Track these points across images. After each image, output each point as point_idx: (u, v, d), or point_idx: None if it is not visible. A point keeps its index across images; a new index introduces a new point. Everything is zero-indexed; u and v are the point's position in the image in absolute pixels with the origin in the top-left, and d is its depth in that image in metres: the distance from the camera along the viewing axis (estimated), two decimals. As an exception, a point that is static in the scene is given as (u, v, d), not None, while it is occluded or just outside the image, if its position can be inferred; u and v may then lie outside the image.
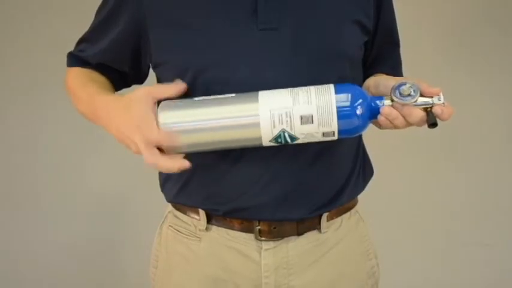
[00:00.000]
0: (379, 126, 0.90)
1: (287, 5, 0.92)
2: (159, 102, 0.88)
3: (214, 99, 0.87)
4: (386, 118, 0.86)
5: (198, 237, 1.01)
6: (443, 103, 0.85)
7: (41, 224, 2.25)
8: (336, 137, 0.86)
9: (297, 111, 0.83)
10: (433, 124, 0.84)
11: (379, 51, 1.06)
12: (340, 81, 0.90)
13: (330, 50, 0.94)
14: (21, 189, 2.25)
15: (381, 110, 0.86)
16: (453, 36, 2.20)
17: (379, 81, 0.91)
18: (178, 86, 0.90)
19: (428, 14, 2.20)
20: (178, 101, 0.88)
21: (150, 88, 0.88)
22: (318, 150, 0.95)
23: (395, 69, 1.08)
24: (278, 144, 0.86)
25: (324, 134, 0.84)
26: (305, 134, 0.84)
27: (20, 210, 2.25)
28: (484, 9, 2.20)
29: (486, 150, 2.24)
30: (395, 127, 0.87)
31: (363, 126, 0.87)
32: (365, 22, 0.98)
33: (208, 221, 1.00)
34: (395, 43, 1.09)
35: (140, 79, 1.08)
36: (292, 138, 0.85)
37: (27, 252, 2.26)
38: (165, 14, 0.94)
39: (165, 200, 1.08)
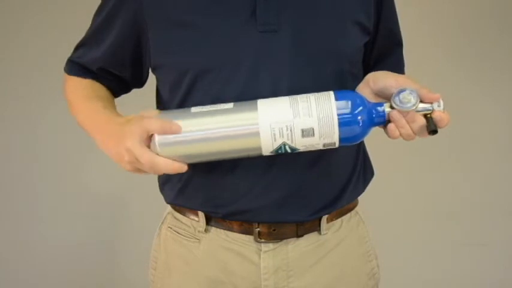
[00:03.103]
0: (387, 134, 0.89)
1: (286, 6, 0.91)
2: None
3: (212, 109, 0.86)
4: (395, 124, 0.85)
5: (197, 239, 1.01)
6: (443, 109, 0.85)
7: (40, 225, 2.25)
8: (337, 146, 0.85)
9: (298, 124, 0.83)
10: (433, 131, 0.84)
11: (381, 52, 1.05)
12: (339, 83, 0.89)
13: (330, 51, 0.93)
14: (20, 190, 2.24)
15: (390, 114, 0.85)
16: (455, 37, 2.20)
17: (378, 77, 0.90)
18: (174, 127, 0.86)
19: (429, 14, 2.19)
20: (176, 112, 0.88)
21: (144, 123, 0.86)
22: (318, 153, 0.95)
23: (397, 69, 1.06)
24: (278, 154, 0.86)
25: (324, 145, 0.84)
26: (306, 145, 0.84)
27: (20, 211, 2.25)
28: (485, 9, 2.19)
29: (486, 151, 2.24)
30: (402, 137, 0.87)
31: (364, 134, 0.87)
32: (365, 22, 0.98)
33: (208, 222, 1.00)
34: (397, 43, 1.09)
35: (140, 83, 1.07)
36: (293, 149, 0.85)
37: (26, 253, 2.25)
38: (164, 15, 0.93)
39: (164, 201, 1.07)
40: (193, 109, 0.87)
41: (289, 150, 0.85)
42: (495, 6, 2.20)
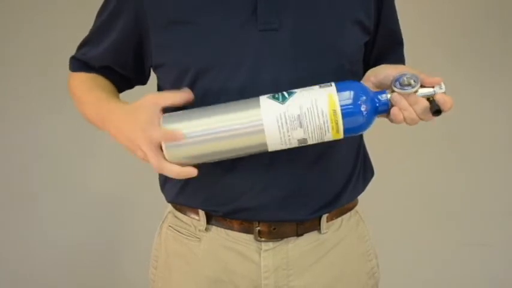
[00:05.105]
0: (391, 120, 0.89)
1: (287, 5, 0.91)
2: (165, 110, 0.89)
3: (216, 107, 0.87)
4: (397, 107, 0.85)
5: (197, 238, 1.01)
6: (445, 92, 0.85)
7: (41, 225, 2.25)
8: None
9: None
10: (437, 111, 0.84)
11: (381, 51, 1.06)
12: (340, 81, 0.89)
13: (330, 50, 0.93)
14: (21, 190, 2.24)
15: (391, 97, 0.85)
16: (455, 37, 2.20)
17: (379, 70, 0.91)
18: (184, 94, 0.90)
19: (429, 13, 2.19)
20: (180, 113, 0.88)
21: (156, 95, 0.89)
22: (318, 152, 0.95)
23: None
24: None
25: (320, 86, 0.84)
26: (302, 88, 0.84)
27: (20, 212, 2.25)
28: (485, 9, 2.20)
29: (486, 151, 2.24)
30: (406, 121, 0.87)
31: (368, 123, 0.86)
32: (365, 22, 0.98)
33: (208, 221, 1.00)
34: (398, 42, 1.09)
35: (143, 80, 1.07)
36: (290, 92, 0.84)
37: (26, 253, 2.25)
38: (165, 15, 0.93)
39: (164, 200, 1.08)
40: (198, 109, 0.88)
41: (286, 93, 0.84)
42: (495, 6, 2.20)
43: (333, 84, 0.85)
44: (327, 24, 0.94)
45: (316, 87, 0.85)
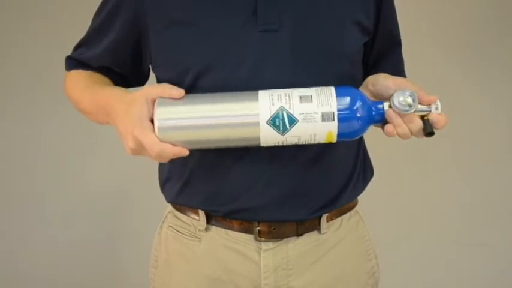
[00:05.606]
0: (384, 132, 0.89)
1: (287, 6, 0.92)
2: None
3: (213, 96, 0.87)
4: (391, 122, 0.86)
5: (197, 238, 1.01)
6: (441, 111, 0.85)
7: (41, 224, 2.25)
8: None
9: (296, 92, 0.85)
10: (430, 133, 0.85)
11: (380, 52, 1.06)
12: (339, 82, 0.90)
13: (330, 51, 0.94)
14: (21, 189, 2.24)
15: (386, 113, 0.86)
16: (455, 37, 2.20)
17: (378, 79, 0.92)
18: (178, 91, 0.88)
19: (429, 13, 2.19)
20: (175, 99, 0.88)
21: (150, 89, 0.87)
22: (318, 152, 0.95)
23: (397, 69, 1.07)
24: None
25: (323, 116, 0.83)
26: (304, 114, 0.83)
27: (20, 210, 2.25)
28: (485, 9, 2.20)
29: (486, 151, 2.24)
30: (399, 136, 0.87)
31: (362, 130, 0.87)
32: (365, 22, 0.98)
33: (208, 221, 1.00)
34: (396, 43, 1.09)
35: (141, 81, 1.07)
36: (291, 119, 0.83)
37: (27, 252, 2.25)
38: (165, 15, 0.94)
39: (164, 200, 1.08)
40: (196, 95, 0.88)
41: (286, 121, 0.83)
42: (495, 6, 2.20)
43: (332, 89, 0.85)
44: (327, 24, 0.94)
45: (317, 102, 0.84)
